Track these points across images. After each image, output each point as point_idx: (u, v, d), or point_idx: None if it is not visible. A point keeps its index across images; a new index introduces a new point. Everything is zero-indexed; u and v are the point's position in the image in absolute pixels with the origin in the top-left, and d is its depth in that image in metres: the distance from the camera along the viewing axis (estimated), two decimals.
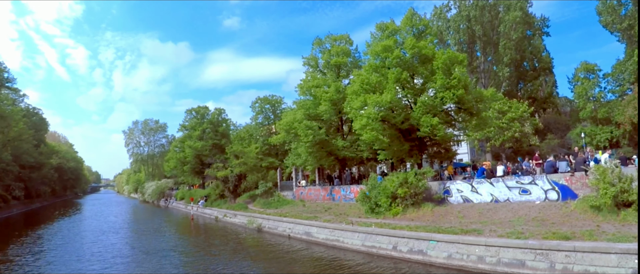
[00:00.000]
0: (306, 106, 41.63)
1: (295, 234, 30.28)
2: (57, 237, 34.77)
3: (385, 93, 30.51)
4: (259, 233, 34.17)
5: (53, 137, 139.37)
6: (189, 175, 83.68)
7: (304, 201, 41.69)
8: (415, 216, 27.16)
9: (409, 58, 32.43)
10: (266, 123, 67.54)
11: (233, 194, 49.72)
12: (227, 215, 44.49)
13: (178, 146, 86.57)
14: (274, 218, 34.84)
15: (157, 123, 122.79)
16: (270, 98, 68.02)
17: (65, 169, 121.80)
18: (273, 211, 39.32)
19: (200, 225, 43.59)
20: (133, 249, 27.81)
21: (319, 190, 41.78)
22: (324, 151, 39.29)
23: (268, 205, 42.91)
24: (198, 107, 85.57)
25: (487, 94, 34.14)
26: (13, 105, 74.03)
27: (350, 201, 36.74)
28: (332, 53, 41.86)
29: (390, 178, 29.94)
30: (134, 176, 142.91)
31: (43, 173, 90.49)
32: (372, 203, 29.51)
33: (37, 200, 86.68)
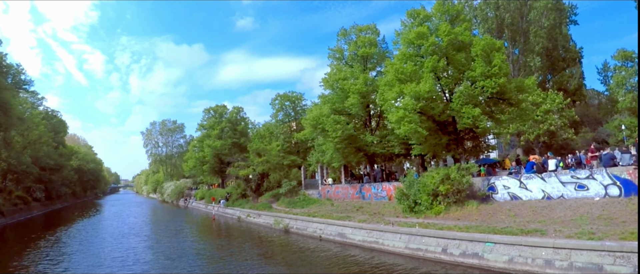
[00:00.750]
0: (332, 100, 39.43)
1: (327, 235, 28.17)
2: (76, 240, 33.10)
3: (422, 83, 28.22)
4: (286, 234, 32.15)
5: (73, 139, 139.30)
6: (208, 175, 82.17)
7: (331, 200, 39.53)
8: (459, 215, 24.84)
9: (445, 46, 30.06)
10: (287, 120, 65.47)
11: (255, 193, 47.75)
12: (251, 214, 42.56)
13: (197, 146, 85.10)
14: (302, 218, 32.77)
15: (174, 124, 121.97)
16: (290, 95, 65.94)
17: (85, 170, 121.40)
18: (299, 210, 37.26)
19: (223, 226, 41.80)
20: (155, 254, 25.82)
21: (347, 188, 39.55)
22: (352, 148, 37.04)
23: (293, 204, 40.84)
24: (216, 106, 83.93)
25: (528, 83, 31.67)
26: (32, 108, 73.40)
27: (382, 200, 34.49)
28: (358, 44, 39.60)
29: (429, 174, 27.69)
30: (153, 176, 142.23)
31: (63, 174, 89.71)
32: (411, 201, 27.21)
33: (57, 201, 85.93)
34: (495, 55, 29.89)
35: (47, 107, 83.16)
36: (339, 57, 42.31)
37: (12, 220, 49.94)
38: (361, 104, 37.78)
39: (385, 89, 31.19)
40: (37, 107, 78.13)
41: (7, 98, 42.37)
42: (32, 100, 78.14)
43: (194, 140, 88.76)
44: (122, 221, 48.11)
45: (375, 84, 37.07)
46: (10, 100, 43.30)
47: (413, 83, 28.46)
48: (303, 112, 65.30)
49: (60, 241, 32.26)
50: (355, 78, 37.55)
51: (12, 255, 26.85)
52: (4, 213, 47.32)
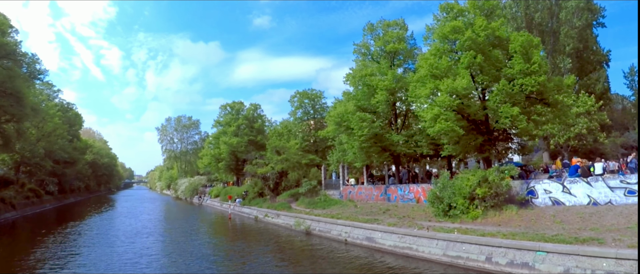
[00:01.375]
0: (357, 97, 37.77)
1: (354, 239, 26.55)
2: (87, 237, 31.73)
3: (458, 79, 26.51)
4: (307, 237, 30.56)
5: (88, 133, 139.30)
6: (224, 172, 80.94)
7: (353, 202, 37.90)
8: (498, 220, 23.08)
9: (481, 41, 28.32)
10: (306, 118, 63.98)
11: (273, 192, 46.24)
12: (269, 214, 41.05)
13: (212, 143, 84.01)
14: (325, 219, 31.15)
15: (190, 120, 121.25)
16: (310, 93, 64.44)
17: (99, 165, 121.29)
18: (321, 211, 35.68)
19: (240, 226, 40.35)
20: (169, 256, 24.18)
21: (370, 190, 37.89)
22: (377, 147, 35.28)
23: (313, 204, 39.27)
24: (233, 103, 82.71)
25: (567, 82, 29.88)
26: (48, 100, 72.90)
27: (410, 202, 32.83)
28: (386, 40, 37.90)
29: (465, 176, 25.95)
30: (167, 172, 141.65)
31: (77, 168, 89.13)
32: (445, 204, 25.48)
33: (71, 195, 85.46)
34: (533, 53, 28.18)
35: (62, 100, 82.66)
36: (364, 53, 40.61)
37: (24, 213, 49.07)
38: (387, 102, 36.18)
39: (418, 85, 29.50)
40: (52, 99, 77.71)
41: (20, 86, 41.25)
42: (48, 92, 77.95)
43: (210, 137, 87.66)
44: (135, 218, 46.84)
45: (403, 81, 35.40)
46: (23, 89, 42.21)
47: (449, 79, 26.77)
48: (322, 110, 63.90)
49: (69, 239, 30.91)
50: (382, 74, 35.89)
51: (18, 252, 25.58)
52: (15, 206, 46.37)
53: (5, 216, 42.93)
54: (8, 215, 43.96)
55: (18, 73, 41.74)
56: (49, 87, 79.51)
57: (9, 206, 44.80)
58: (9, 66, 41.24)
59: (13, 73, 40.70)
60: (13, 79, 40.10)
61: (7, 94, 40.73)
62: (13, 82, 40.01)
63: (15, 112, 41.69)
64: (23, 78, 44.03)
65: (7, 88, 40.03)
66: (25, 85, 45.02)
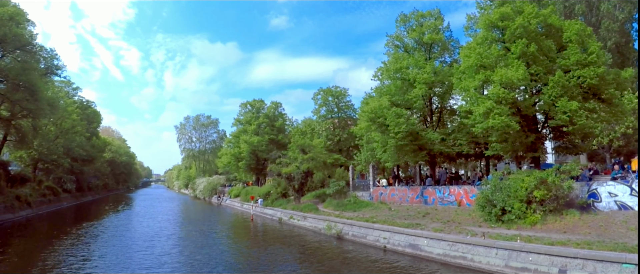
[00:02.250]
0: (391, 92, 35.34)
1: (394, 246, 24.02)
2: (102, 240, 29.53)
3: (512, 70, 23.91)
4: (339, 242, 28.09)
5: (107, 131, 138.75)
6: (244, 171, 78.91)
7: (386, 204, 35.37)
8: (561, 226, 20.41)
9: (533, 29, 25.66)
10: (330, 116, 61.54)
11: (298, 193, 43.84)
12: (294, 216, 38.65)
13: (232, 141, 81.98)
14: (359, 223, 28.61)
15: (208, 119, 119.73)
16: (333, 90, 61.95)
17: (117, 163, 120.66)
18: (352, 214, 33.23)
19: (263, 228, 37.91)
20: (191, 264, 21.83)
21: (405, 191, 35.31)
22: (414, 145, 32.69)
23: (342, 206, 36.84)
24: (253, 101, 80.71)
25: (624, 75, 27.09)
26: (67, 97, 71.73)
27: (450, 205, 30.21)
28: (422, 30, 35.34)
29: (518, 177, 23.31)
30: (185, 172, 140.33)
31: (96, 166, 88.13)
32: (498, 209, 22.83)
33: (88, 193, 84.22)
34: (589, 42, 25.55)
35: (81, 97, 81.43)
36: (397, 45, 38.09)
37: (40, 211, 47.42)
38: (424, 97, 33.71)
39: (464, 77, 26.94)
40: (71, 96, 76.56)
41: (35, 79, 39.43)
42: (67, 89, 76.97)
43: (231, 135, 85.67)
44: (152, 219, 44.59)
45: (442, 74, 32.81)
46: (38, 83, 40.38)
47: (502, 69, 24.18)
48: (347, 108, 61.59)
49: (82, 241, 28.64)
50: (419, 67, 33.31)
51: (26, 255, 23.57)
52: (30, 204, 44.70)
53: (20, 214, 41.30)
54: (23, 213, 42.36)
55: (33, 66, 39.99)
56: (68, 84, 78.53)
57: (25, 204, 43.19)
58: (23, 59, 39.57)
59: (28, 66, 38.99)
60: (28, 72, 38.35)
61: (21, 87, 39.12)
62: (27, 75, 38.25)
63: (31, 107, 40.05)
64: (38, 71, 42.32)
65: (21, 81, 38.34)
66: (42, 81, 43.49)
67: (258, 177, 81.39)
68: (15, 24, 38.07)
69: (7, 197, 39.97)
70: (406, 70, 33.63)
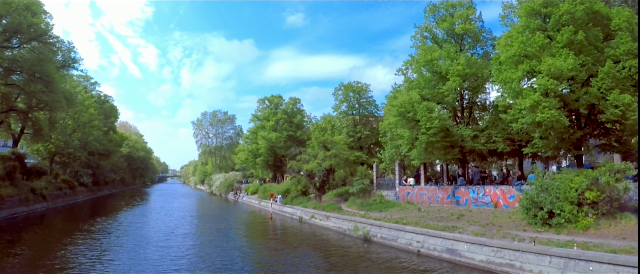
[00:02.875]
0: (420, 85, 33.34)
1: (429, 250, 22.11)
2: (115, 236, 28.00)
3: (562, 59, 21.83)
4: (366, 244, 26.20)
5: (125, 126, 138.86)
6: (261, 168, 77.60)
7: (414, 204, 33.44)
8: (618, 231, 18.32)
9: (580, 16, 23.52)
10: (351, 113, 59.59)
11: (319, 191, 42.01)
12: (316, 216, 36.85)
13: (250, 138, 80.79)
14: (388, 224, 26.65)
15: (225, 115, 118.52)
16: (354, 86, 59.93)
17: (134, 158, 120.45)
18: (378, 215, 31.33)
19: (283, 227, 36.11)
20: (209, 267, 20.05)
21: (434, 191, 33.30)
22: (445, 142, 30.66)
23: (367, 206, 34.94)
24: (271, 96, 79.32)
25: None
26: (84, 92, 71.07)
27: (485, 207, 28.17)
28: (454, 20, 33.27)
29: (567, 177, 21.22)
30: (201, 167, 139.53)
31: (113, 160, 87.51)
32: (545, 211, 20.78)
33: (105, 187, 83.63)
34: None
35: (99, 92, 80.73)
36: (426, 37, 36.05)
37: (55, 205, 46.45)
38: (457, 90, 31.69)
39: (506, 68, 24.85)
40: (89, 91, 75.97)
41: (50, 71, 38.27)
42: (85, 84, 76.66)
43: (248, 131, 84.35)
44: (168, 215, 43.07)
45: (476, 66, 30.70)
46: (54, 74, 39.26)
47: (550, 58, 22.11)
48: (368, 104, 59.65)
49: (96, 236, 27.23)
50: (451, 59, 31.23)
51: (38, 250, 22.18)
52: (46, 197, 43.62)
53: (35, 207, 40.24)
54: (38, 206, 41.32)
55: (48, 57, 38.83)
56: (87, 79, 78.36)
57: (40, 197, 42.14)
58: (39, 50, 38.43)
59: (43, 57, 37.81)
60: (43, 63, 37.21)
61: (36, 79, 38.01)
62: (43, 66, 37.12)
63: (46, 98, 38.97)
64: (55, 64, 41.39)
65: (36, 72, 37.19)
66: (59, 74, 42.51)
67: (275, 174, 79.92)
68: (31, 14, 36.97)
69: (22, 190, 38.92)
70: (437, 62, 31.61)
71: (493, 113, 31.97)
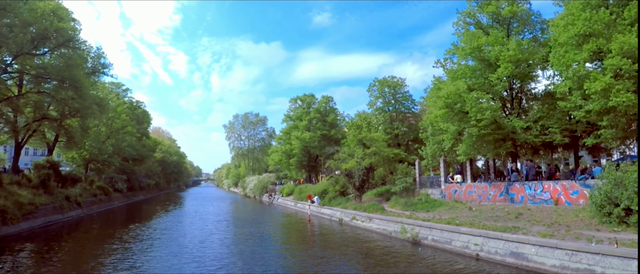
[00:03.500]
0: (466, 75, 31.18)
1: (490, 254, 20.04)
2: (149, 244, 26.56)
3: (633, 36, 19.52)
4: (415, 247, 24.38)
5: (158, 132, 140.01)
6: (295, 169, 76.28)
7: (464, 203, 31.30)
8: None
9: None
10: (387, 108, 57.50)
11: (359, 191, 40.22)
12: (357, 217, 35.05)
13: (283, 138, 79.56)
14: (439, 226, 24.62)
15: (256, 116, 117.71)
16: (390, 81, 57.78)
17: (168, 162, 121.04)
18: (425, 215, 29.33)
19: (323, 230, 34.44)
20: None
21: (485, 188, 31.07)
22: (497, 135, 28.45)
23: (412, 206, 32.95)
24: (304, 96, 77.90)
25: None
26: (117, 98, 71.23)
27: (544, 204, 25.89)
28: (500, 3, 30.99)
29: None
30: (234, 170, 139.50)
31: (147, 165, 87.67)
32: (621, 208, 18.50)
33: (140, 192, 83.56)
34: None
35: (131, 98, 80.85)
36: (469, 23, 33.83)
37: (90, 212, 45.87)
38: (507, 79, 29.42)
39: (567, 50, 22.60)
40: (121, 97, 76.11)
41: (78, 77, 37.48)
42: (118, 91, 76.90)
43: (280, 132, 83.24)
44: (203, 220, 41.73)
45: (528, 51, 28.39)
46: (83, 81, 38.53)
47: (622, 36, 19.81)
48: (405, 100, 57.51)
49: (129, 245, 25.75)
50: (500, 44, 28.96)
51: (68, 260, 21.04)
52: (80, 204, 43.04)
53: (69, 215, 39.62)
54: (73, 213, 40.73)
55: (77, 63, 38.02)
56: (118, 86, 78.66)
57: (74, 204, 41.51)
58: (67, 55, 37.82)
59: (72, 62, 37.05)
60: (71, 69, 36.39)
61: (65, 85, 37.48)
62: (71, 71, 36.28)
63: (78, 105, 38.50)
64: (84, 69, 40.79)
65: (65, 78, 36.49)
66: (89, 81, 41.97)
67: (309, 175, 78.49)
68: (58, 19, 36.35)
69: (57, 197, 38.30)
70: (484, 48, 29.39)
71: (547, 102, 29.61)
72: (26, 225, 30.60)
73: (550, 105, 28.46)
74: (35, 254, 22.80)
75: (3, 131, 40.23)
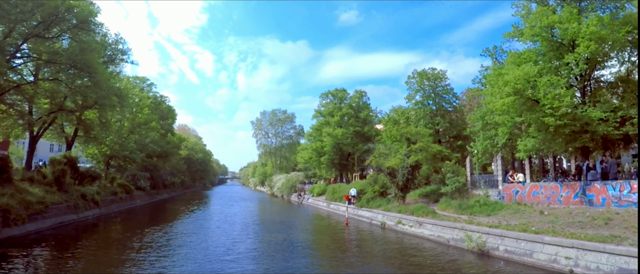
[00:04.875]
0: (531, 58, 27.09)
1: (588, 270, 16.00)
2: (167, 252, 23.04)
3: None
4: (483, 259, 20.52)
5: (184, 129, 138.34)
6: (326, 167, 72.66)
7: (528, 205, 27.17)
8: None
9: None
10: (427, 102, 53.37)
11: (402, 191, 36.36)
12: (404, 221, 31.20)
13: (313, 135, 75.94)
14: (513, 233, 20.49)
15: (284, 114, 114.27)
16: (430, 73, 53.71)
17: (193, 160, 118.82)
18: (487, 220, 25.32)
19: (363, 236, 30.63)
20: None
21: (555, 189, 26.82)
22: (574, 126, 24.31)
23: (467, 209, 28.88)
24: (335, 90, 74.31)
25: None
26: (141, 92, 68.82)
27: (633, 207, 21.69)
28: None
29: None
30: (261, 168, 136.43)
31: (172, 163, 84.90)
32: None
33: (164, 190, 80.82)
34: None
35: (156, 92, 78.42)
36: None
37: (108, 211, 42.66)
38: (583, 61, 25.18)
39: None
40: (146, 92, 73.79)
41: (93, 61, 34.26)
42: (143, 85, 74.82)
43: (310, 128, 79.68)
44: (229, 222, 37.72)
45: (611, 26, 24.16)
46: (98, 66, 35.32)
47: None
48: (446, 93, 53.41)
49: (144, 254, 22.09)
50: (578, 22, 24.78)
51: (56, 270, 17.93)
52: (98, 202, 39.95)
53: (85, 214, 36.45)
54: (89, 213, 37.57)
55: (91, 47, 34.69)
56: (143, 80, 76.57)
57: (91, 203, 38.44)
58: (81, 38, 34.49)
59: (85, 46, 33.75)
60: (85, 53, 32.96)
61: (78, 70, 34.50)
62: (85, 55, 32.84)
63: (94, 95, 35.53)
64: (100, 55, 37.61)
65: (78, 62, 33.22)
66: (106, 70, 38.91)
67: (341, 173, 74.87)
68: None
69: (72, 195, 35.25)
70: (559, 26, 25.22)
71: (628, 89, 25.42)
72: (33, 226, 27.31)
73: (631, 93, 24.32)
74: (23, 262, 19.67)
75: (17, 123, 37.26)
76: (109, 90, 37.69)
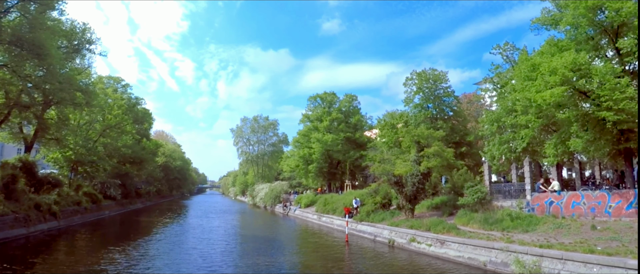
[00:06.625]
0: (570, 46, 23.17)
1: None
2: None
3: None
4: None
5: (161, 135, 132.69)
6: (314, 176, 68.03)
7: (568, 218, 23.08)
8: None
9: None
10: (427, 105, 49.43)
11: (411, 203, 32.00)
12: (418, 238, 26.67)
13: (300, 141, 71.07)
14: (578, 255, 16.21)
15: (267, 120, 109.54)
16: (430, 74, 49.88)
17: (171, 168, 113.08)
18: (530, 237, 20.98)
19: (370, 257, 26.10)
20: None
21: (601, 198, 22.83)
22: (632, 121, 20.31)
23: (496, 224, 24.41)
24: (324, 94, 69.97)
25: None
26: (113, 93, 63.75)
27: None
28: None
29: None
30: (242, 177, 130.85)
31: (147, 170, 78.85)
32: None
33: (138, 200, 74.92)
34: None
35: (131, 94, 73.27)
36: None
37: (68, 223, 37.20)
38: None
39: None
40: (120, 92, 68.86)
41: (42, 40, 28.45)
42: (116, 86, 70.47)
43: (297, 134, 74.89)
44: (208, 241, 31.37)
45: None
46: (49, 47, 29.37)
47: None
48: (447, 96, 49.60)
49: None
50: None
51: None
52: (56, 214, 34.35)
53: (38, 227, 30.83)
54: (43, 226, 31.85)
55: (43, 24, 29.13)
56: (117, 80, 72.27)
57: (47, 214, 32.89)
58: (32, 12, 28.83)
59: (35, 22, 28.28)
60: (34, 30, 27.50)
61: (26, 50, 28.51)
62: (34, 33, 27.26)
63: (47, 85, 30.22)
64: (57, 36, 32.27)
65: (24, 40, 27.52)
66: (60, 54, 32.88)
67: (330, 182, 70.33)
68: None
69: (23, 205, 29.82)
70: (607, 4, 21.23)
71: None
72: None
73: None
74: None
75: None
76: (69, 83, 32.37)
